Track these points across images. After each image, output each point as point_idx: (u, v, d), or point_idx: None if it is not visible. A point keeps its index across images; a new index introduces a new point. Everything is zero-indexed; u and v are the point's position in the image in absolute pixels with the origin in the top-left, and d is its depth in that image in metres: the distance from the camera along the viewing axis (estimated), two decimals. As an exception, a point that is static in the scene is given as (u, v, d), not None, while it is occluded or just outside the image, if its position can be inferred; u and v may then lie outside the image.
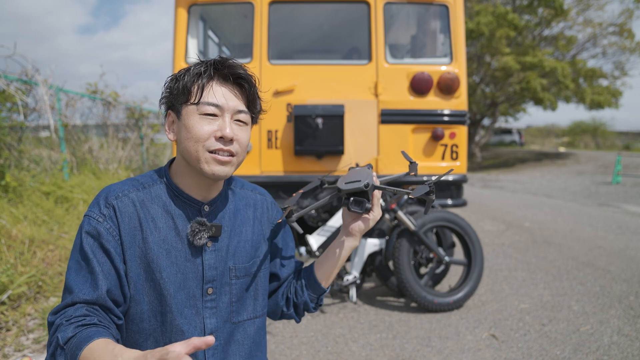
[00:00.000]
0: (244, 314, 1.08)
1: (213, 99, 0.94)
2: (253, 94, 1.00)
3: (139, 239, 0.97)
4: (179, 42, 3.59)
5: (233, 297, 1.05)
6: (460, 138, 3.62)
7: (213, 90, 0.95)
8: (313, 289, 1.16)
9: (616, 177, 12.41)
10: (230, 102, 0.96)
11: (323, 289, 1.17)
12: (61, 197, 4.69)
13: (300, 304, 1.18)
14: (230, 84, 0.97)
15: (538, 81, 17.66)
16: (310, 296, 1.17)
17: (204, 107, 0.94)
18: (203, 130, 0.94)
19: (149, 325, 0.98)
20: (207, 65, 0.96)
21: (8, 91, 4.56)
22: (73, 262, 0.94)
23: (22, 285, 2.89)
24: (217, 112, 0.95)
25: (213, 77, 0.96)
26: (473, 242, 3.17)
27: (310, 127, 3.42)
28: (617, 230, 5.73)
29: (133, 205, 0.98)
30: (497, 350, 2.50)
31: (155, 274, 0.97)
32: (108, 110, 7.67)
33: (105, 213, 0.96)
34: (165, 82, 1.01)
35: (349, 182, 1.02)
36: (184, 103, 0.97)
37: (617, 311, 3.02)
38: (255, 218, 1.13)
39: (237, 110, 0.97)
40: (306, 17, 4.28)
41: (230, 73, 0.96)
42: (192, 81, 0.95)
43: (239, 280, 1.07)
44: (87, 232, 0.95)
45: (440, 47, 3.96)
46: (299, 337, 2.69)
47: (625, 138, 34.25)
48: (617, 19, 19.93)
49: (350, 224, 1.11)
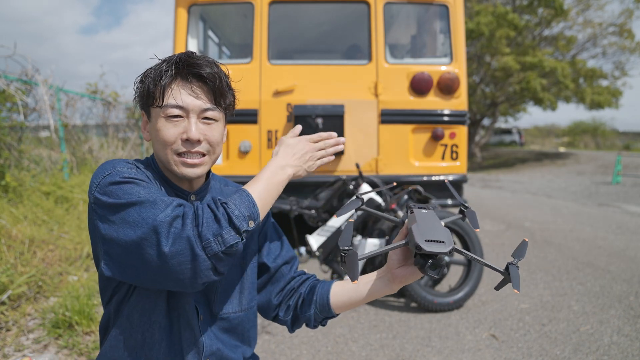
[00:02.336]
0: (228, 307, 1.07)
1: (174, 101, 0.92)
2: (220, 89, 0.96)
3: None
4: (179, 42, 3.59)
5: (217, 288, 1.05)
6: (460, 138, 3.62)
7: (174, 92, 0.92)
8: (322, 310, 1.08)
9: (616, 177, 12.41)
10: (194, 102, 0.93)
11: (333, 315, 1.09)
12: (61, 197, 4.69)
13: (302, 317, 1.12)
14: (194, 82, 0.94)
15: (538, 81, 17.65)
16: (316, 315, 1.10)
17: (168, 109, 0.92)
18: (169, 133, 0.93)
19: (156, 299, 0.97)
20: (168, 64, 0.93)
21: (8, 91, 4.56)
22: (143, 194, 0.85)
23: (22, 285, 2.89)
24: (182, 114, 0.93)
25: (175, 77, 0.93)
26: (473, 242, 3.17)
27: (310, 127, 3.42)
28: (617, 230, 5.73)
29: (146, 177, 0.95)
30: (497, 350, 2.50)
31: None
32: (108, 110, 7.67)
33: (132, 165, 0.94)
34: (135, 82, 0.98)
35: (429, 240, 0.82)
36: (150, 105, 0.95)
37: (617, 311, 3.02)
38: None
39: (202, 109, 0.94)
40: (306, 17, 4.28)
41: (191, 73, 0.93)
42: (154, 83, 0.93)
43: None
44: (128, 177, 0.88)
45: (440, 47, 3.96)
46: (299, 337, 2.69)
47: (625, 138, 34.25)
48: (617, 19, 19.94)
49: (397, 267, 0.94)
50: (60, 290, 3.07)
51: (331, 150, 1.06)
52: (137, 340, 0.97)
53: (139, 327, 0.97)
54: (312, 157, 1.03)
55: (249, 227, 0.86)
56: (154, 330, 0.97)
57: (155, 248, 0.79)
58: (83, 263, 3.62)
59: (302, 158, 1.01)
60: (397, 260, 0.94)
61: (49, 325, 2.62)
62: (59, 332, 2.56)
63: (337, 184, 3.31)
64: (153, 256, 0.80)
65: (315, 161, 1.04)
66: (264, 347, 2.55)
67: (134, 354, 0.97)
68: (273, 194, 0.94)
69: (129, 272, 0.85)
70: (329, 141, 1.06)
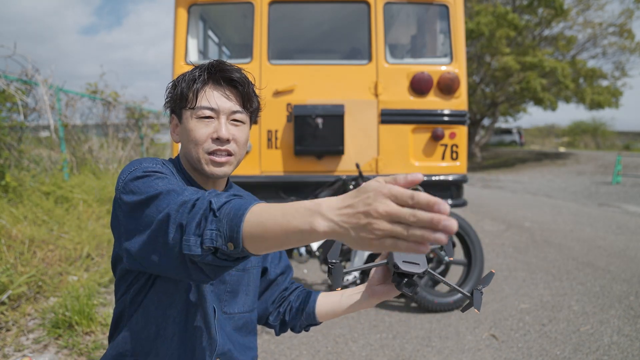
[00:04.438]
0: (235, 307, 1.11)
1: (207, 103, 0.99)
2: (248, 94, 1.03)
3: None
4: (179, 42, 3.59)
5: (228, 287, 1.09)
6: (460, 138, 3.62)
7: (207, 94, 1.00)
8: (307, 318, 1.19)
9: (616, 177, 12.41)
10: (224, 104, 1.00)
11: (316, 323, 1.19)
12: (61, 197, 4.69)
13: (289, 323, 1.22)
14: (224, 86, 1.02)
15: (538, 81, 17.65)
16: (302, 322, 1.20)
17: (200, 111, 1.00)
18: (200, 133, 1.00)
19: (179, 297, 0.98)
20: (201, 70, 1.01)
21: (8, 91, 4.56)
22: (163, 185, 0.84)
23: (22, 285, 2.89)
24: (213, 115, 1.00)
25: (207, 82, 1.01)
26: (473, 242, 3.17)
27: (310, 127, 3.42)
28: (617, 230, 5.73)
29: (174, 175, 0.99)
30: (497, 350, 2.50)
31: None
32: (108, 110, 7.67)
33: (160, 163, 0.97)
34: (167, 88, 1.06)
35: (406, 261, 0.97)
36: (183, 108, 1.02)
37: (617, 311, 3.02)
38: None
39: (232, 111, 1.01)
40: (306, 17, 4.28)
41: (222, 77, 1.01)
42: (187, 87, 1.01)
43: (236, 273, 1.10)
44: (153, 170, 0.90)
45: (440, 47, 3.96)
46: (299, 337, 2.69)
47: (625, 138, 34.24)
48: (617, 19, 19.93)
49: (377, 285, 1.03)
50: (60, 290, 3.07)
51: (420, 234, 0.54)
52: (151, 332, 0.99)
53: (154, 320, 0.99)
54: (376, 226, 0.55)
55: (222, 247, 0.69)
56: (167, 324, 0.99)
57: (162, 237, 0.77)
58: (83, 263, 3.62)
59: (354, 217, 0.57)
60: (377, 278, 1.04)
61: (49, 325, 2.62)
62: (59, 332, 2.56)
63: (337, 184, 3.31)
64: (161, 246, 0.77)
65: (376, 235, 0.56)
66: (264, 347, 2.55)
67: (146, 346, 0.99)
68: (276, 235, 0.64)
69: (147, 264, 0.84)
70: (424, 215, 0.54)
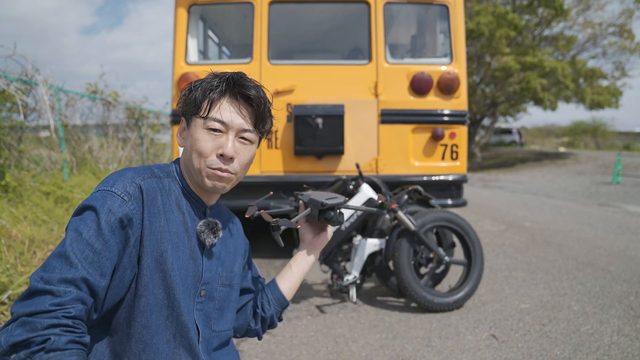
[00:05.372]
0: (222, 324, 1.09)
1: (219, 116, 0.96)
2: (262, 114, 1.01)
3: (156, 226, 0.94)
4: (179, 42, 3.59)
5: (217, 304, 1.07)
6: (460, 138, 3.62)
7: (221, 107, 0.97)
8: (278, 302, 1.25)
9: (616, 177, 12.41)
10: (236, 120, 0.97)
11: (287, 302, 1.26)
12: (61, 197, 4.69)
13: (267, 318, 1.25)
14: (240, 102, 0.98)
15: (538, 81, 17.65)
16: (276, 309, 1.25)
17: (210, 122, 0.96)
18: (207, 145, 0.96)
19: (156, 320, 0.94)
20: (220, 80, 0.97)
21: (8, 91, 4.56)
22: (85, 232, 0.84)
23: (22, 285, 2.89)
24: (222, 129, 0.97)
25: (224, 94, 0.97)
26: (473, 242, 3.17)
27: (310, 127, 3.42)
28: (617, 230, 5.73)
29: (156, 190, 0.96)
30: (497, 350, 2.50)
31: (166, 265, 0.94)
32: (108, 110, 7.67)
33: (130, 192, 0.91)
34: (183, 89, 1.02)
35: (328, 199, 1.15)
36: (194, 114, 0.99)
37: (617, 311, 3.02)
38: (234, 234, 1.18)
39: (242, 129, 0.98)
40: (306, 17, 4.29)
41: (240, 93, 0.97)
42: (203, 95, 0.97)
43: (223, 289, 1.09)
44: (109, 209, 0.87)
45: (440, 47, 3.96)
46: (299, 337, 2.69)
47: (626, 138, 34.25)
48: (617, 19, 19.94)
49: (312, 238, 1.24)
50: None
51: None
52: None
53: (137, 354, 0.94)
54: None
55: None
56: (152, 355, 0.93)
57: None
58: (83, 263, 3.61)
59: None
60: (309, 232, 1.23)
61: (49, 325, 2.61)
62: (59, 332, 2.56)
63: (337, 184, 3.31)
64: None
65: None
66: (264, 347, 2.55)
67: None
68: None
69: None
70: None
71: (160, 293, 0.94)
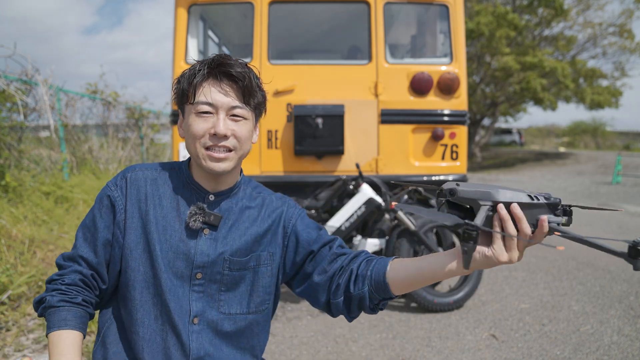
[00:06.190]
0: (235, 307, 1.08)
1: (204, 98, 0.99)
2: (249, 89, 1.02)
3: (143, 210, 1.05)
4: (179, 42, 3.59)
5: (222, 287, 1.06)
6: (460, 138, 3.62)
7: (205, 89, 1.00)
8: (377, 287, 0.99)
9: (616, 177, 12.41)
10: (222, 100, 1.00)
11: (391, 295, 0.98)
12: (61, 197, 4.69)
13: (355, 296, 1.01)
14: (224, 81, 1.01)
15: (538, 81, 17.64)
16: (372, 294, 1.00)
17: (198, 106, 1.00)
18: (198, 127, 1.00)
19: (141, 296, 1.03)
20: (201, 65, 1.01)
21: (8, 91, 4.56)
22: (87, 219, 1.07)
23: (22, 285, 2.89)
24: (212, 110, 1.00)
25: (207, 77, 1.00)
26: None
27: (310, 127, 3.42)
28: (617, 230, 5.73)
29: (144, 180, 1.08)
30: (497, 350, 2.50)
31: (150, 246, 1.03)
32: (108, 110, 7.68)
33: (118, 183, 1.07)
34: (173, 84, 1.07)
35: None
36: (185, 103, 1.04)
37: (617, 311, 3.02)
38: (260, 217, 1.12)
39: (230, 107, 1.01)
40: (306, 17, 4.28)
41: (221, 72, 1.00)
42: (188, 82, 1.01)
43: (232, 273, 1.07)
44: (99, 197, 1.08)
45: (440, 47, 3.95)
46: (299, 337, 2.69)
47: (626, 138, 34.24)
48: (617, 19, 19.91)
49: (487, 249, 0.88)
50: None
51: None
52: (125, 339, 1.06)
53: (129, 326, 1.05)
54: None
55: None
56: (138, 328, 1.03)
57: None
58: (83, 263, 3.61)
59: None
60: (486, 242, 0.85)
61: (49, 325, 2.61)
62: (59, 332, 2.56)
63: (337, 184, 3.31)
64: None
65: None
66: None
67: (124, 354, 1.05)
68: None
69: None
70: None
71: (146, 272, 1.03)
